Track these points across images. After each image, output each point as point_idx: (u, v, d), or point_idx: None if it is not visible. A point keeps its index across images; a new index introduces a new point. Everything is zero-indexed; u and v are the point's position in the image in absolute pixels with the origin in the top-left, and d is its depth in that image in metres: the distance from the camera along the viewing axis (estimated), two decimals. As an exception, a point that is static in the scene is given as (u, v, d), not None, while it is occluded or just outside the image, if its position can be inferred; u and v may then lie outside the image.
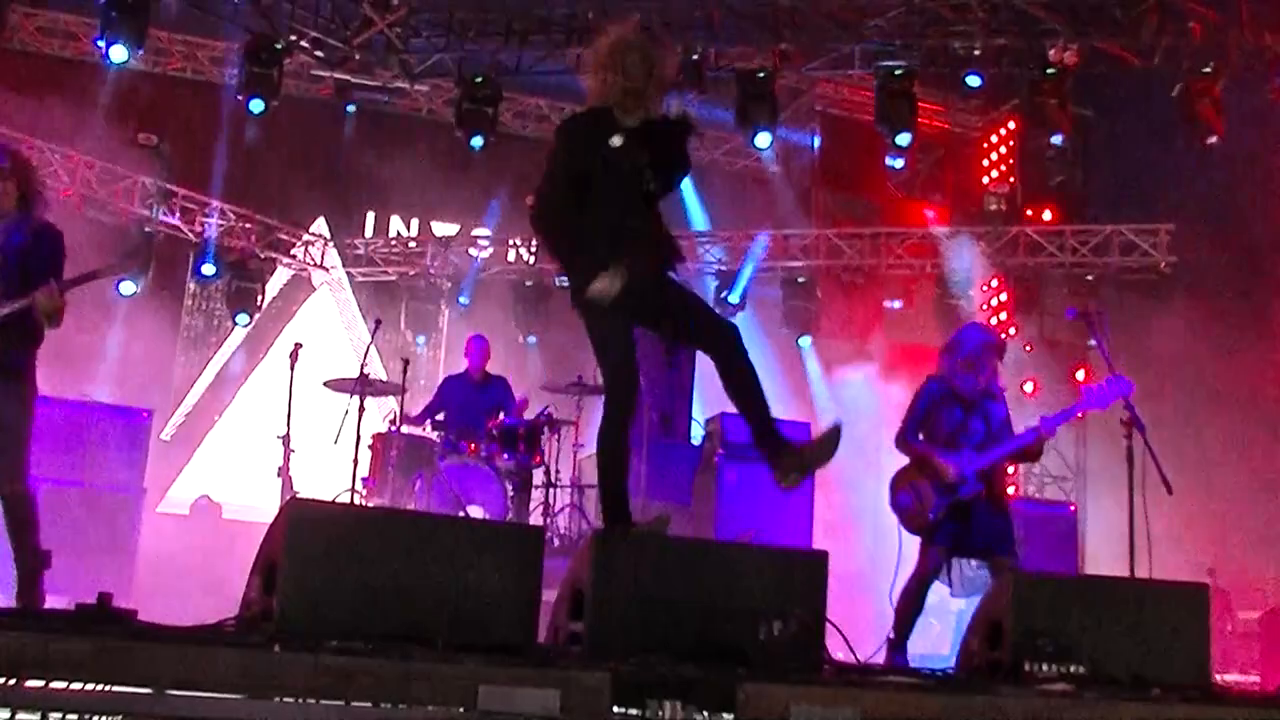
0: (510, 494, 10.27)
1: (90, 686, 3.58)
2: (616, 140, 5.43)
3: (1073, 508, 11.18)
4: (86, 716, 4.22)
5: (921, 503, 7.02)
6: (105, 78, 13.65)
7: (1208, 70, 12.19)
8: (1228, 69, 12.11)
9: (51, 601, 6.08)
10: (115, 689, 3.54)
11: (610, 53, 5.47)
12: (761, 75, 13.26)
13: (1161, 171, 13.38)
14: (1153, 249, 14.28)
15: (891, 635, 6.99)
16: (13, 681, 3.51)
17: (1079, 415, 7.34)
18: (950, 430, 7.07)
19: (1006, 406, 7.30)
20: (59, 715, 3.81)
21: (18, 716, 3.84)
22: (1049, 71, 12.69)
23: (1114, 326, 13.54)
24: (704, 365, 11.49)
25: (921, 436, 7.16)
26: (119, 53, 12.39)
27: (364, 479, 10.38)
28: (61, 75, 14.36)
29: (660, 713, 3.67)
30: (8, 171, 6.01)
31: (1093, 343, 7.17)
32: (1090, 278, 14.43)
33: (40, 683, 3.51)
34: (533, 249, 15.99)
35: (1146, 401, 7.15)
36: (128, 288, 13.89)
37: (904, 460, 7.24)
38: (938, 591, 7.18)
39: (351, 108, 14.87)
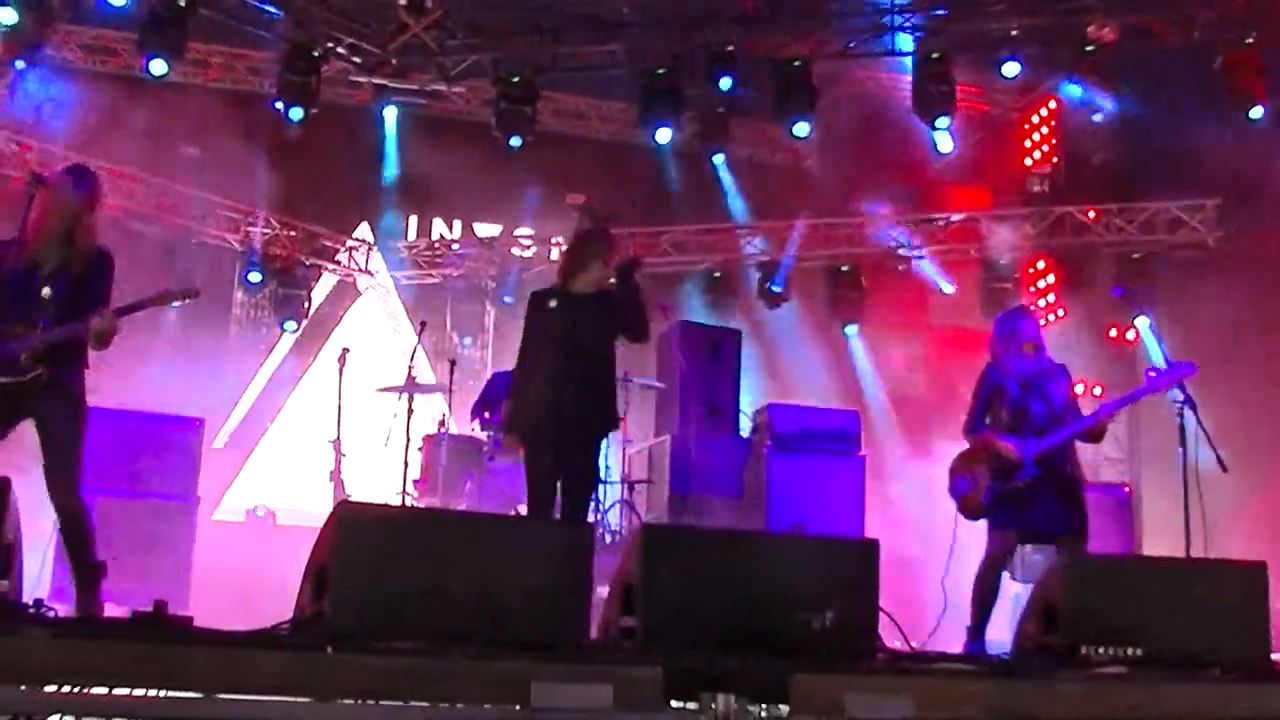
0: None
1: (150, 692, 3.62)
2: (553, 303, 7.27)
3: (1127, 489, 11.08)
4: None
5: (977, 487, 7.01)
6: (146, 92, 13.76)
7: (1249, 41, 12.03)
8: (1268, 40, 11.95)
9: (109, 611, 6.15)
10: (173, 694, 3.57)
11: (571, 245, 7.81)
12: (798, 63, 13.20)
13: (1206, 145, 13.21)
14: (1200, 224, 14.12)
15: (969, 623, 6.95)
16: (76, 689, 3.56)
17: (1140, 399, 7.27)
18: (1011, 413, 7.04)
19: (1069, 383, 7.23)
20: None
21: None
22: (1087, 49, 12.57)
23: (1161, 303, 13.42)
24: (750, 357, 11.53)
25: (988, 422, 7.16)
26: (158, 66, 12.51)
27: (415, 481, 10.44)
28: (103, 90, 14.47)
29: (714, 705, 3.67)
30: (91, 202, 6.15)
31: (1142, 319, 7.10)
32: (1137, 256, 14.28)
33: (103, 689, 3.55)
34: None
35: (1197, 379, 7.06)
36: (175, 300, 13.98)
37: (962, 446, 7.24)
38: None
39: (390, 112, 14.90)
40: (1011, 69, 12.73)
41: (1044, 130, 16.12)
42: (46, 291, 5.94)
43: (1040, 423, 6.99)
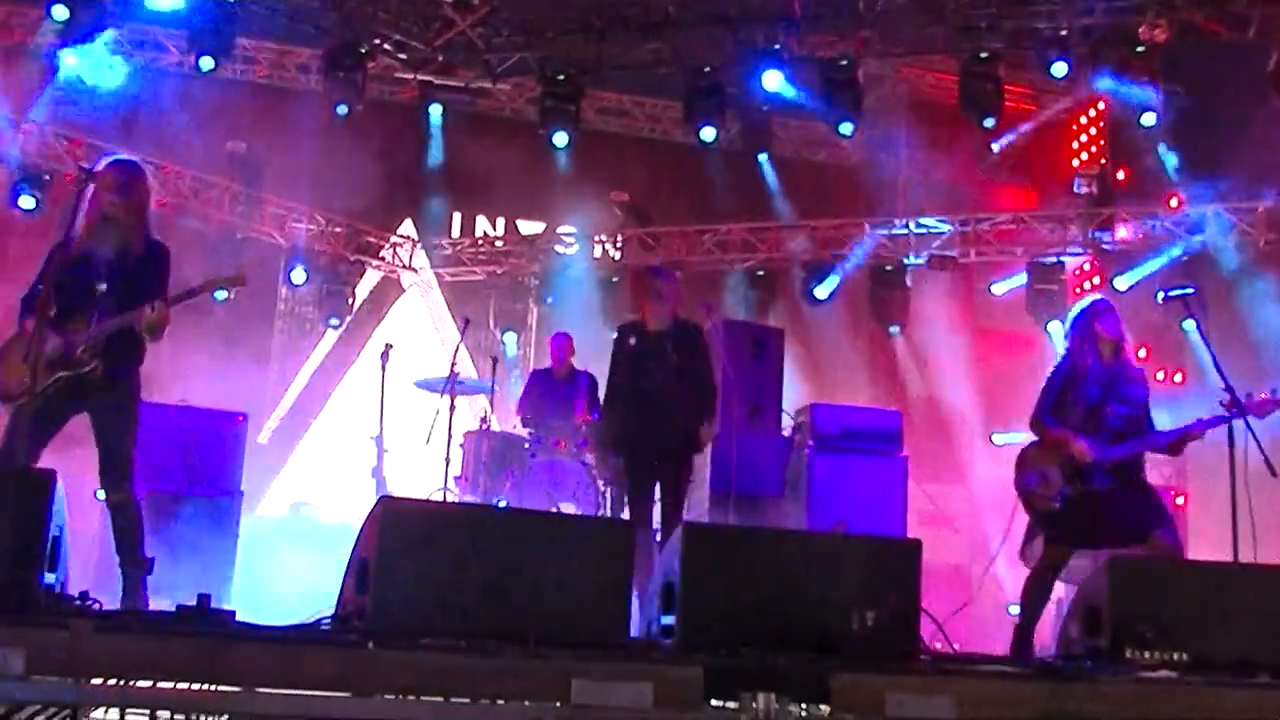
0: (602, 489, 10.29)
1: (194, 686, 3.64)
2: (633, 340, 8.03)
3: (1173, 492, 10.97)
4: (192, 716, 4.28)
5: (1047, 487, 6.80)
6: (193, 88, 13.86)
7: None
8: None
9: (153, 604, 6.19)
10: (216, 688, 3.59)
11: (639, 282, 8.46)
12: (844, 63, 13.15)
13: (1258, 147, 13.04)
14: (1250, 227, 13.95)
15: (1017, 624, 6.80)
16: (122, 682, 3.58)
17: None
18: (1087, 409, 6.82)
19: (1147, 387, 6.99)
20: (167, 714, 3.88)
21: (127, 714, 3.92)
22: (1138, 49, 12.44)
23: (1209, 306, 13.25)
24: (793, 356, 11.49)
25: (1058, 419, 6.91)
26: (206, 63, 12.60)
27: (456, 477, 10.45)
28: (151, 86, 14.60)
29: (754, 704, 3.66)
30: (133, 189, 6.17)
31: (1190, 322, 6.97)
32: (1185, 258, 14.11)
33: (148, 683, 3.58)
34: (618, 244, 16.01)
35: (1246, 382, 6.96)
36: (221, 294, 14.11)
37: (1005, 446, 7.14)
38: (1021, 576, 7.03)
39: (435, 109, 14.94)
40: (1060, 69, 12.58)
41: (1092, 131, 16.00)
42: (102, 286, 5.98)
43: (1118, 426, 6.78)
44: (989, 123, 13.32)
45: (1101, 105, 15.62)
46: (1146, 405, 6.94)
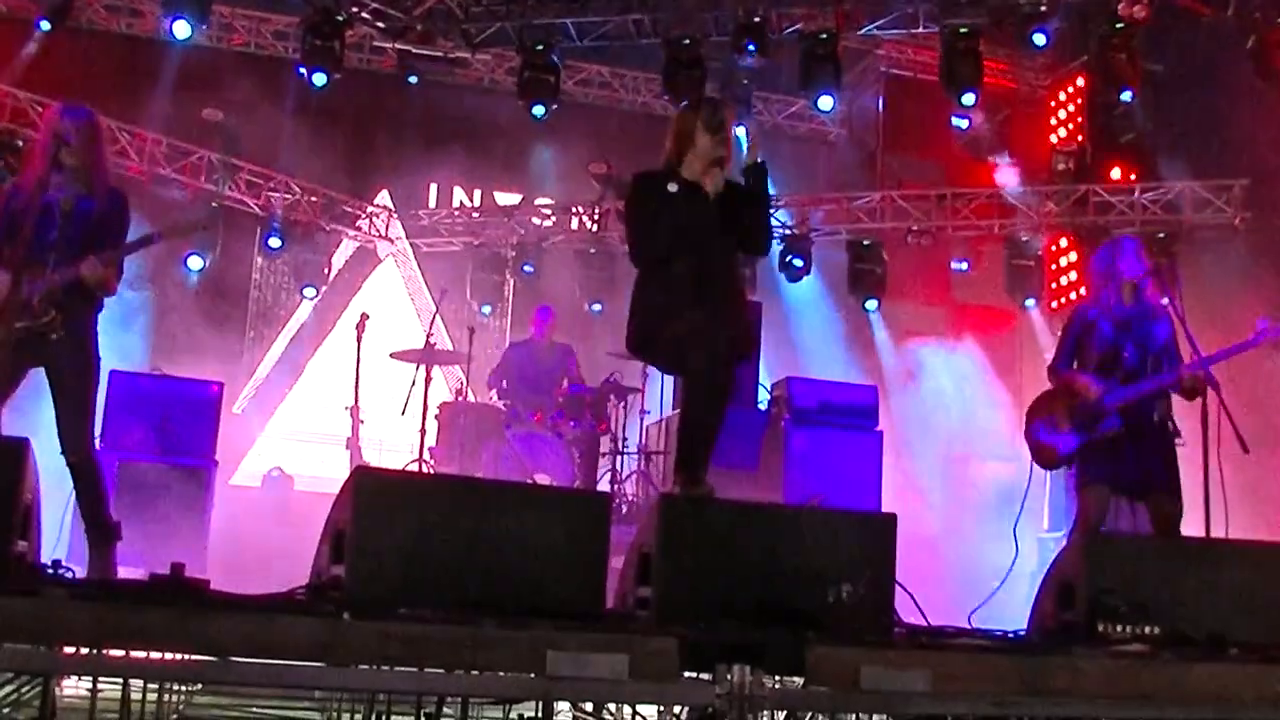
0: (577, 461, 10.31)
1: (166, 655, 3.63)
2: (673, 186, 5.69)
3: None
4: (165, 685, 4.27)
5: (1055, 436, 6.70)
6: (170, 55, 13.75)
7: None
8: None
9: (125, 574, 6.11)
10: (189, 657, 3.58)
11: (677, 119, 5.97)
12: (824, 36, 13.10)
13: (1235, 126, 13.08)
14: (1226, 205, 13.99)
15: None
16: (95, 651, 3.57)
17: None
18: (1100, 354, 6.68)
19: (1171, 326, 6.75)
20: (140, 683, 3.86)
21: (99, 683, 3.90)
22: (1118, 26, 12.43)
23: (1185, 284, 13.30)
24: (770, 330, 11.51)
25: (1076, 365, 6.79)
26: (182, 29, 12.46)
27: (431, 448, 10.45)
28: (127, 53, 14.48)
29: (729, 676, 3.66)
30: (85, 134, 6.01)
31: (1164, 300, 6.95)
32: (1162, 235, 14.15)
33: (120, 652, 3.56)
34: (595, 216, 15.97)
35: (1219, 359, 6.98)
36: (195, 262, 14.08)
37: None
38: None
39: (413, 79, 14.86)
40: (1039, 40, 12.55)
41: (1070, 108, 16.02)
42: (54, 235, 5.78)
43: (1131, 367, 6.63)
44: (968, 98, 13.30)
45: (1080, 82, 15.64)
46: (1169, 347, 6.75)
